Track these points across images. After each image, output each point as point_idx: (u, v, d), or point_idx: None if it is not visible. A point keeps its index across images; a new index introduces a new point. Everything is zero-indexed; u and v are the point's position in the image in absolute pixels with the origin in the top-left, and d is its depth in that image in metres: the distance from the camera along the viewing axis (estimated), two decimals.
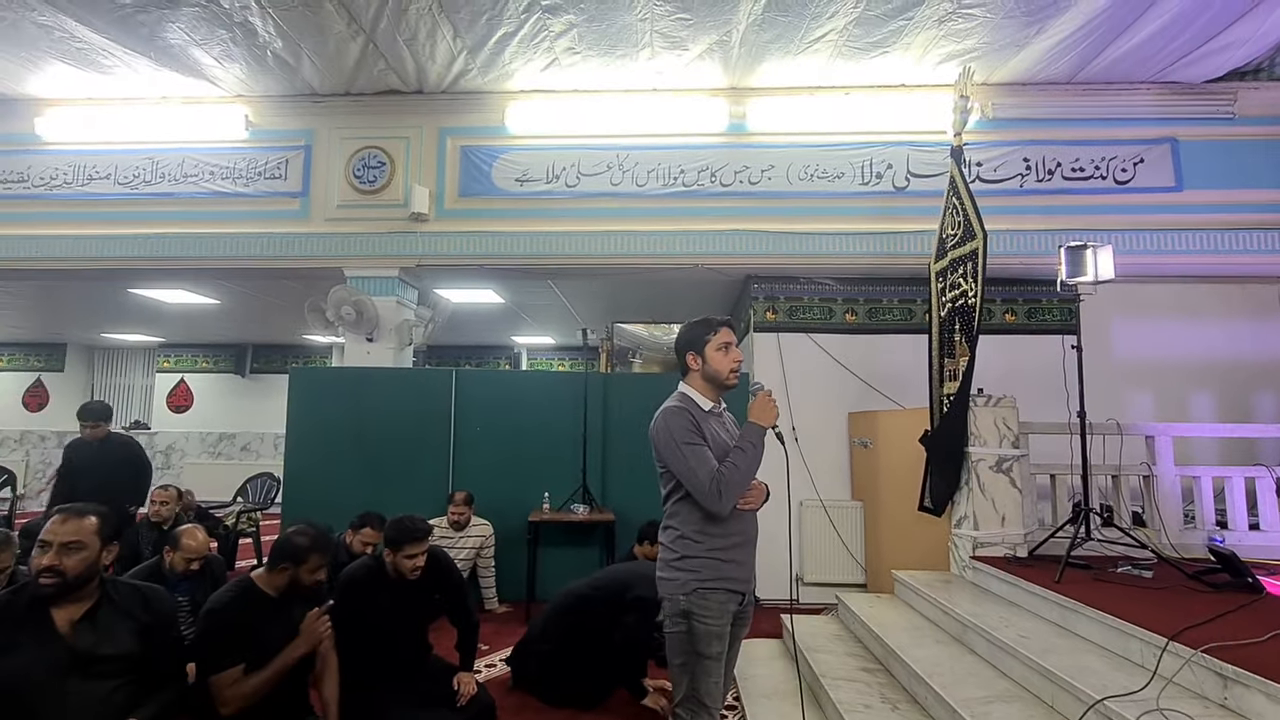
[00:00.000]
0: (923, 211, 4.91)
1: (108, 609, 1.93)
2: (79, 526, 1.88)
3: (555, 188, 5.22)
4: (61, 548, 1.83)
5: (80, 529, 1.88)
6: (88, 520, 1.90)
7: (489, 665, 3.82)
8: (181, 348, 11.14)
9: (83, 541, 1.87)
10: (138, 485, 4.69)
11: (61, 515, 1.89)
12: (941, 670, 2.77)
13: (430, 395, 5.27)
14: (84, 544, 1.88)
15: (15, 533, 3.03)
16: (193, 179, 5.42)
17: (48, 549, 1.83)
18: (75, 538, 1.86)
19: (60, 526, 1.86)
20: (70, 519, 1.88)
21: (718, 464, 1.95)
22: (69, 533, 1.85)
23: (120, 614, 1.95)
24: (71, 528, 1.86)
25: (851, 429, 5.32)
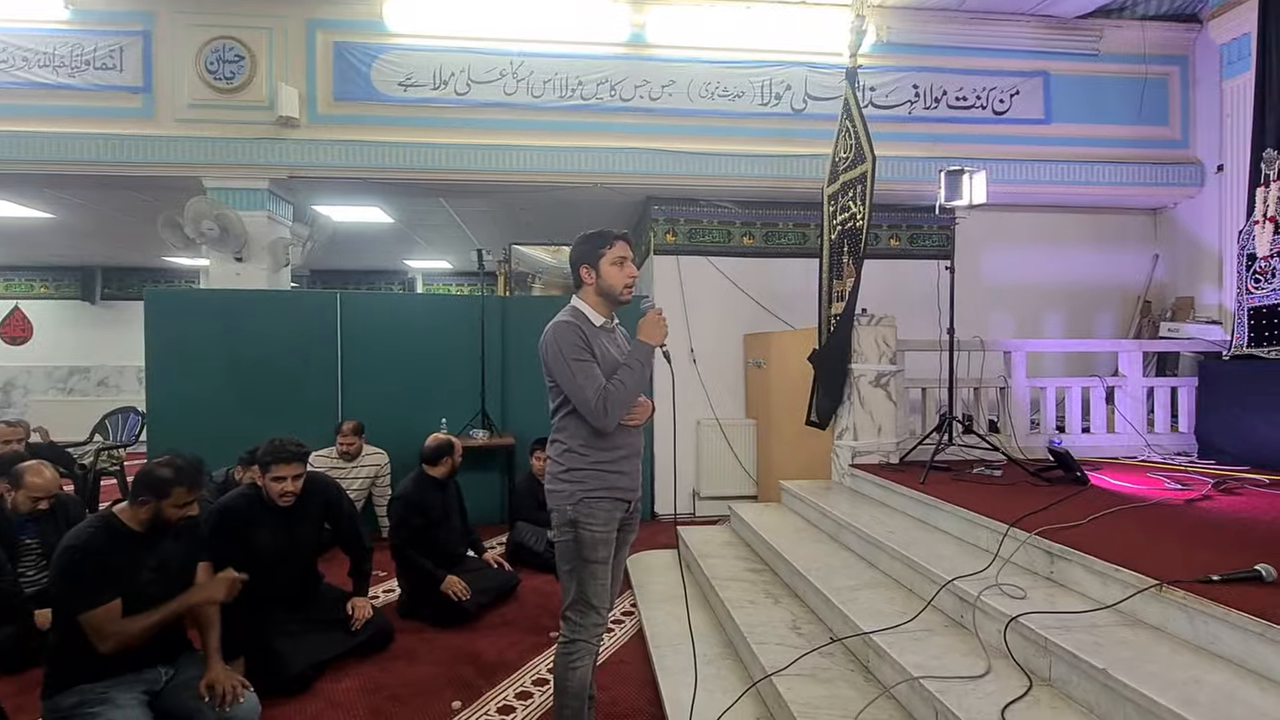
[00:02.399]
0: (819, 135, 4.96)
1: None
2: None
3: (443, 94, 4.84)
4: None
5: None
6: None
7: (387, 591, 3.79)
8: (13, 270, 9.77)
9: None
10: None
11: None
12: (818, 565, 3.01)
13: (313, 320, 4.92)
14: None
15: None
16: (3, 66, 4.59)
17: None
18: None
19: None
20: None
21: (604, 381, 1.95)
22: None
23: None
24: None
25: (747, 350, 5.50)
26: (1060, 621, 1.98)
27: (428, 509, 3.48)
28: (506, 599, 3.64)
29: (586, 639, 2.03)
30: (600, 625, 2.06)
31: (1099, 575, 2.14)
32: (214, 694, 2.24)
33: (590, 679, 2.08)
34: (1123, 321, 5.89)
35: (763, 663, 2.39)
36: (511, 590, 3.69)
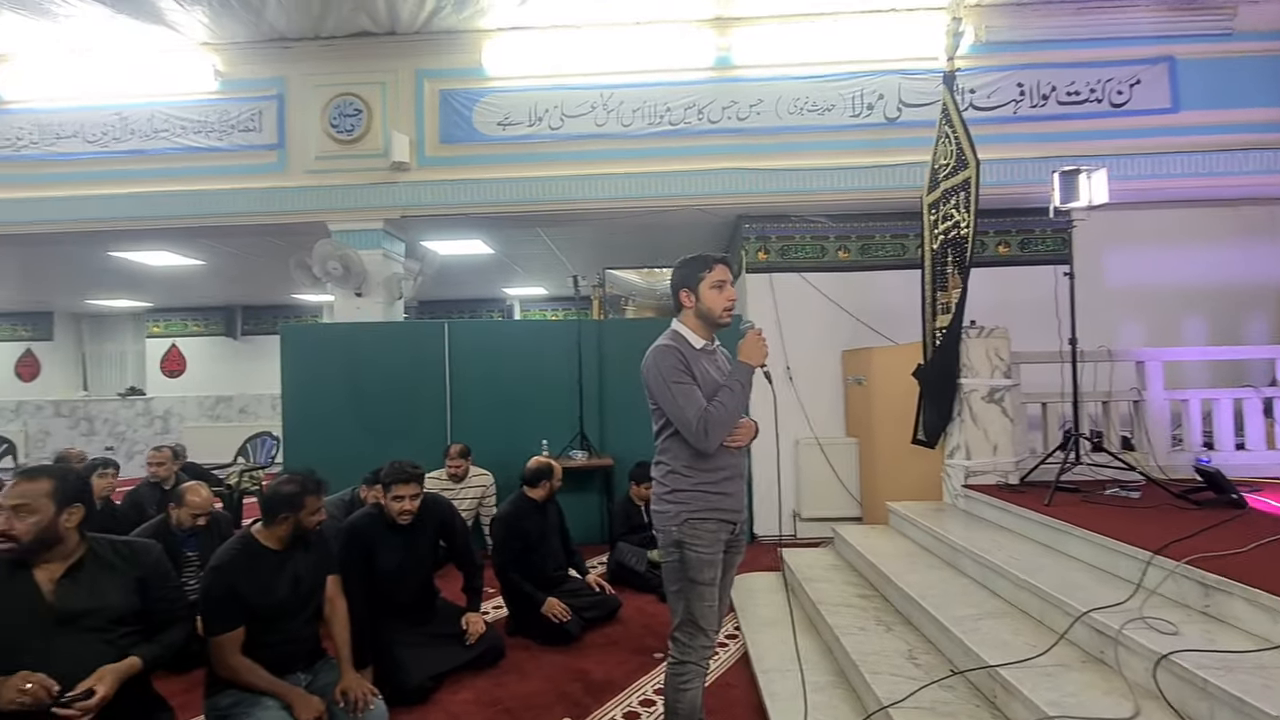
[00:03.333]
0: (915, 143, 4.81)
1: (92, 566, 1.93)
2: (26, 489, 1.82)
3: (538, 130, 5.08)
4: (12, 511, 1.80)
5: (27, 491, 1.82)
6: (38, 483, 1.84)
7: (496, 608, 3.93)
8: (170, 311, 11.02)
9: (31, 505, 1.82)
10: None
11: (15, 477, 1.86)
12: (934, 592, 2.86)
13: (423, 348, 5.25)
14: (33, 507, 1.82)
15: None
16: (164, 134, 5.25)
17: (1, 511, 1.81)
18: (23, 500, 1.81)
19: (10, 491, 1.83)
20: (21, 482, 1.84)
21: (705, 402, 1.97)
22: (19, 495, 1.81)
23: (106, 569, 1.95)
24: (21, 491, 1.82)
25: (845, 367, 5.35)
26: (1222, 661, 1.78)
27: (526, 531, 3.59)
28: (609, 620, 3.68)
29: (695, 661, 2.04)
30: (708, 647, 2.06)
31: (1266, 610, 1.92)
32: (348, 699, 2.41)
33: (700, 702, 2.07)
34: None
35: (877, 693, 2.29)
36: (614, 611, 3.73)
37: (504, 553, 3.52)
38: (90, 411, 10.53)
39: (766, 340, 2.08)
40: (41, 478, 1.86)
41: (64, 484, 1.89)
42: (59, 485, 1.88)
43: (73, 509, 1.92)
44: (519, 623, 3.52)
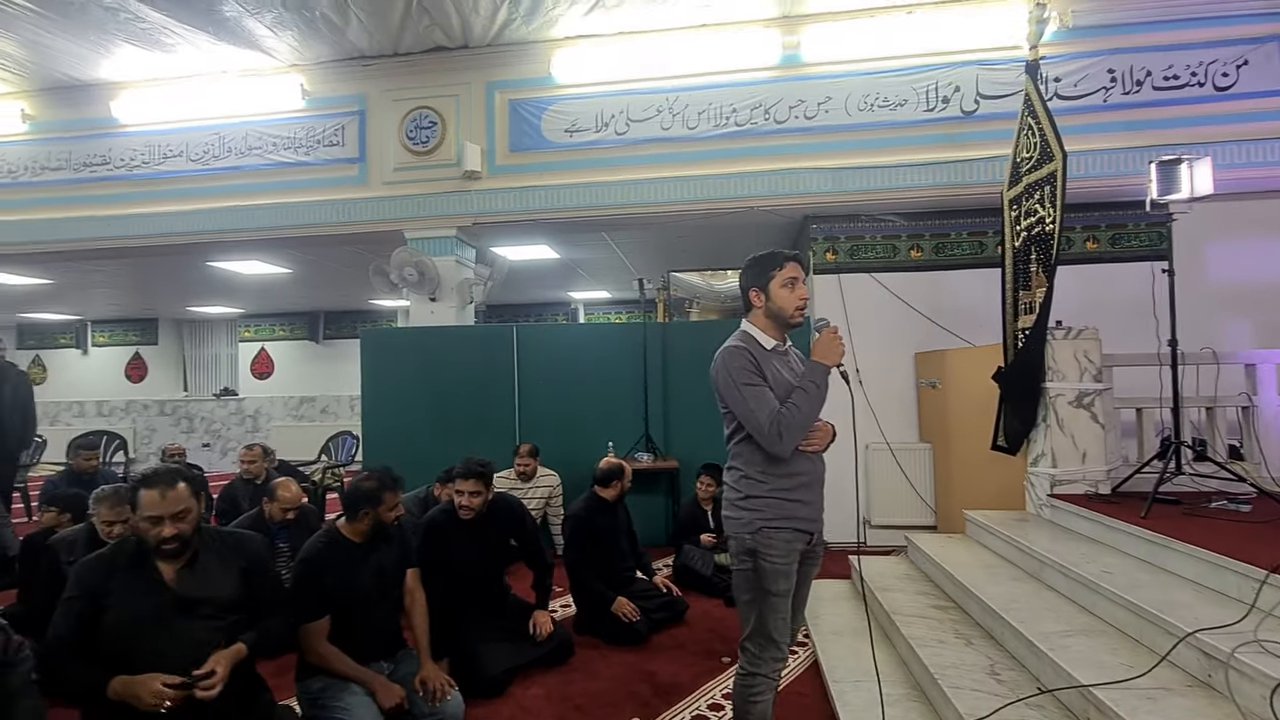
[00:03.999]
0: (994, 136, 4.61)
1: (206, 556, 2.07)
2: (177, 495, 1.96)
3: (604, 136, 5.14)
4: (173, 518, 1.95)
5: (179, 496, 1.97)
6: (179, 486, 1.98)
7: (564, 606, 3.99)
8: (260, 317, 11.74)
9: (187, 507, 1.99)
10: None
11: (157, 489, 1.94)
12: (1018, 606, 2.72)
13: (493, 351, 5.40)
14: (189, 508, 2.00)
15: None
16: (257, 151, 5.61)
17: (160, 522, 1.93)
18: (181, 506, 1.97)
19: (163, 500, 1.93)
20: (168, 490, 1.95)
21: (779, 405, 1.90)
22: (174, 503, 1.95)
23: (217, 559, 2.10)
24: (175, 498, 1.95)
25: (918, 370, 5.17)
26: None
27: (598, 530, 3.63)
28: (677, 622, 3.68)
29: (766, 674, 1.97)
30: (780, 660, 1.99)
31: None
32: (427, 688, 2.50)
33: (770, 713, 2.03)
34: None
35: (958, 708, 2.20)
36: (681, 613, 3.73)
37: (576, 551, 3.58)
38: (190, 410, 11.34)
39: (843, 339, 1.99)
40: (178, 481, 1.99)
41: (195, 482, 2.05)
42: (193, 483, 2.04)
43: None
44: (588, 621, 3.57)
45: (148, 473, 2.00)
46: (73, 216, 5.84)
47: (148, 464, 10.00)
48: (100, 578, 1.94)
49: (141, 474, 2.01)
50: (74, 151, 5.86)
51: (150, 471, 2.01)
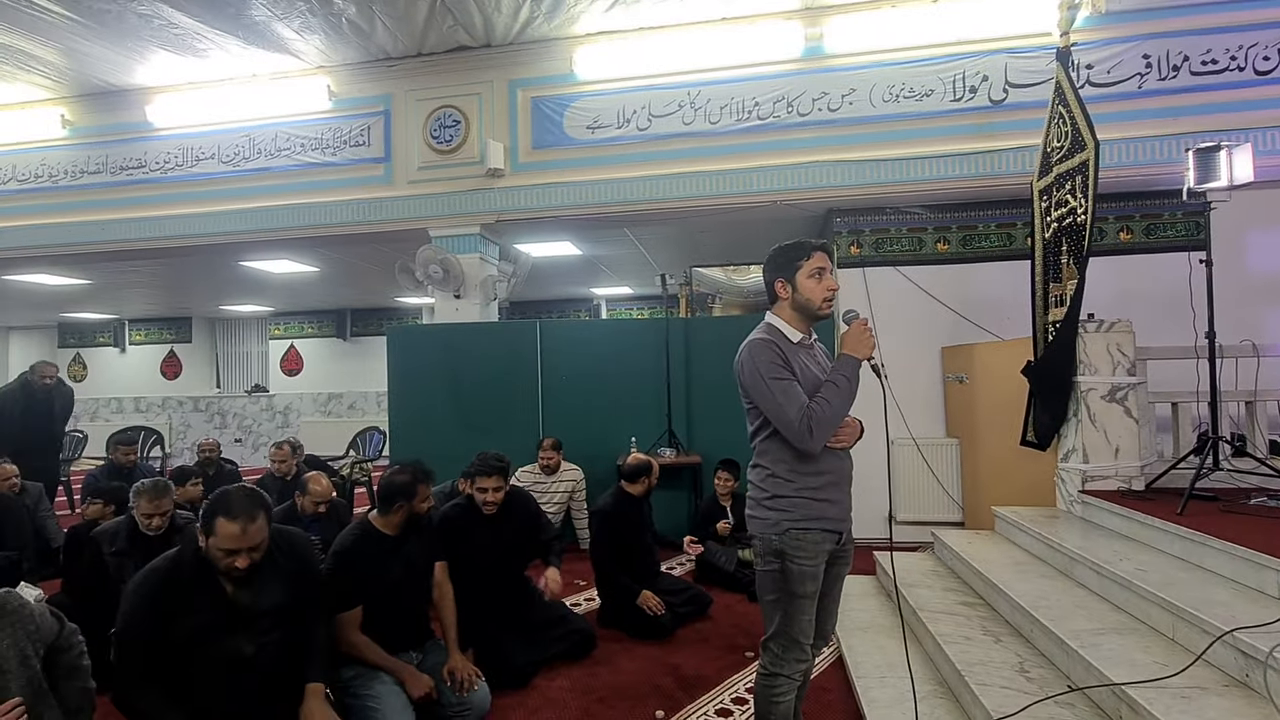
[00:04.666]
0: (1023, 125, 4.53)
1: (264, 568, 2.10)
2: (259, 528, 2.00)
3: (626, 132, 5.15)
4: (250, 550, 1.99)
5: (261, 529, 2.01)
6: (260, 520, 2.01)
7: (588, 599, 4.02)
8: (289, 315, 11.96)
9: (264, 538, 2.04)
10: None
11: (238, 523, 1.94)
12: (1048, 603, 2.68)
13: (517, 347, 5.45)
14: (265, 539, 2.05)
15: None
16: (285, 152, 5.72)
17: (236, 554, 1.96)
18: (260, 539, 2.01)
19: (243, 535, 1.95)
20: (249, 524, 1.96)
21: (807, 400, 1.84)
22: (254, 536, 1.98)
23: (271, 568, 2.13)
24: (255, 532, 1.98)
25: (945, 364, 5.10)
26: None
27: (624, 525, 3.65)
28: (700, 616, 3.69)
29: (788, 674, 1.93)
30: (803, 661, 1.95)
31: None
32: (455, 679, 2.55)
33: (794, 709, 2.02)
34: None
35: (986, 705, 2.18)
36: (705, 607, 3.73)
37: (602, 545, 3.60)
38: (222, 407, 11.62)
39: (873, 331, 1.94)
40: (259, 513, 2.01)
41: (270, 510, 2.09)
42: (269, 512, 2.08)
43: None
44: (612, 614, 3.59)
45: (228, 501, 1.97)
46: (111, 219, 6.01)
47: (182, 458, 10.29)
48: (164, 594, 1.97)
49: (221, 500, 1.98)
50: (111, 156, 6.03)
51: (229, 499, 1.98)
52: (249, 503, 2.01)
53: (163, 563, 2.06)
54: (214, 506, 1.99)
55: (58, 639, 1.88)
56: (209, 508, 2.00)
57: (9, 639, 1.74)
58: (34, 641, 1.79)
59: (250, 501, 2.02)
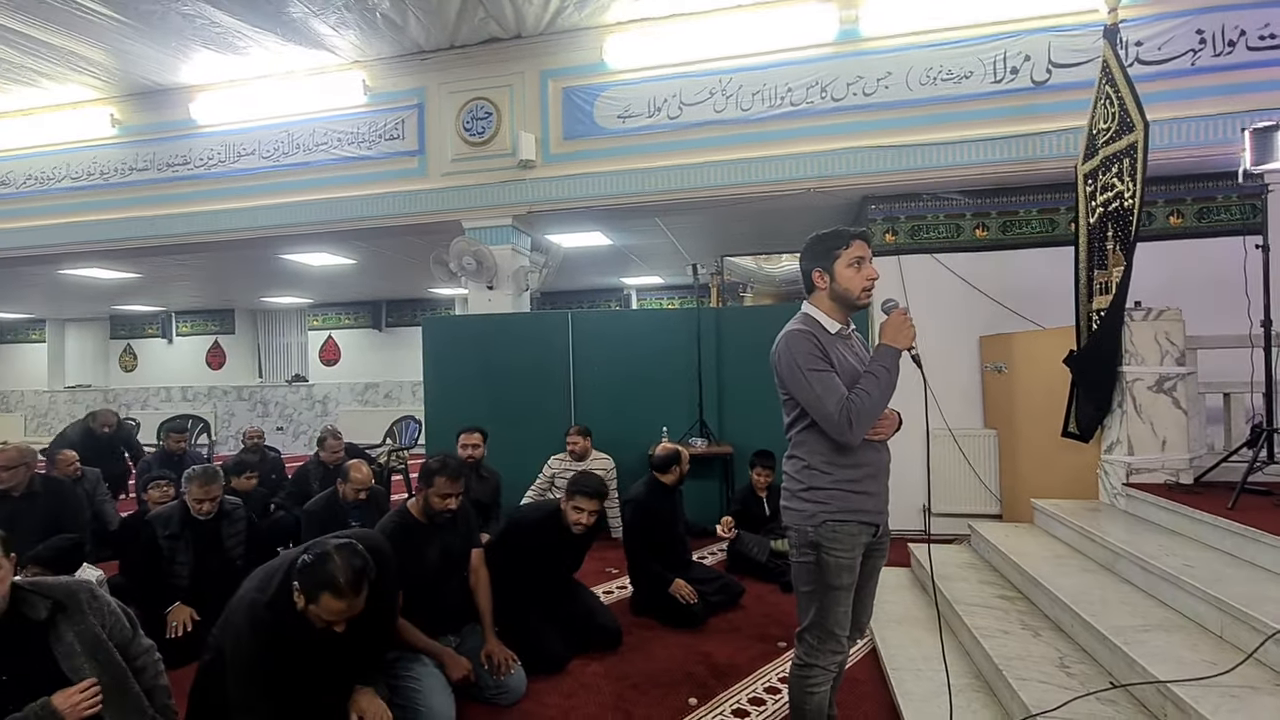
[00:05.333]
0: (1067, 107, 4.39)
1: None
2: (362, 599, 1.98)
3: (657, 121, 5.12)
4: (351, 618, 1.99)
5: (363, 600, 1.99)
6: (364, 593, 1.99)
7: (620, 588, 4.07)
8: (327, 307, 12.25)
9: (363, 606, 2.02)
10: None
11: (345, 601, 1.92)
12: (1090, 598, 2.63)
13: (549, 338, 5.49)
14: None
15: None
16: (323, 147, 5.83)
17: (338, 623, 1.96)
18: (361, 607, 1.99)
19: (348, 609, 1.94)
20: (355, 600, 1.95)
21: (846, 391, 1.82)
22: (357, 608, 1.97)
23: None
24: (359, 604, 1.97)
25: (983, 353, 4.99)
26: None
27: (657, 514, 3.67)
28: (731, 606, 3.70)
29: (823, 666, 1.93)
30: (839, 653, 1.94)
31: None
32: (492, 662, 2.61)
33: (828, 700, 2.02)
34: None
35: (1024, 700, 2.15)
36: (737, 597, 3.74)
37: (635, 533, 3.62)
38: (264, 396, 11.97)
39: (913, 320, 1.90)
40: (365, 585, 1.98)
41: (371, 578, 2.05)
42: (370, 577, 2.03)
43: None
44: (644, 602, 3.63)
45: (335, 577, 1.89)
46: (158, 214, 6.22)
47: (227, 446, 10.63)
48: (275, 647, 2.00)
49: (327, 573, 1.90)
50: (158, 153, 6.23)
51: (335, 574, 1.90)
52: (357, 578, 1.93)
53: (266, 615, 2.01)
54: (319, 578, 1.91)
55: (129, 646, 1.91)
56: (312, 576, 1.92)
57: (81, 625, 1.81)
58: (109, 632, 1.85)
59: (358, 576, 1.94)
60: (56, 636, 1.77)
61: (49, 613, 1.77)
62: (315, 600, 1.92)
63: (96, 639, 1.81)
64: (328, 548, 1.98)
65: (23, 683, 1.71)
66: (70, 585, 1.86)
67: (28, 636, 1.75)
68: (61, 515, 3.68)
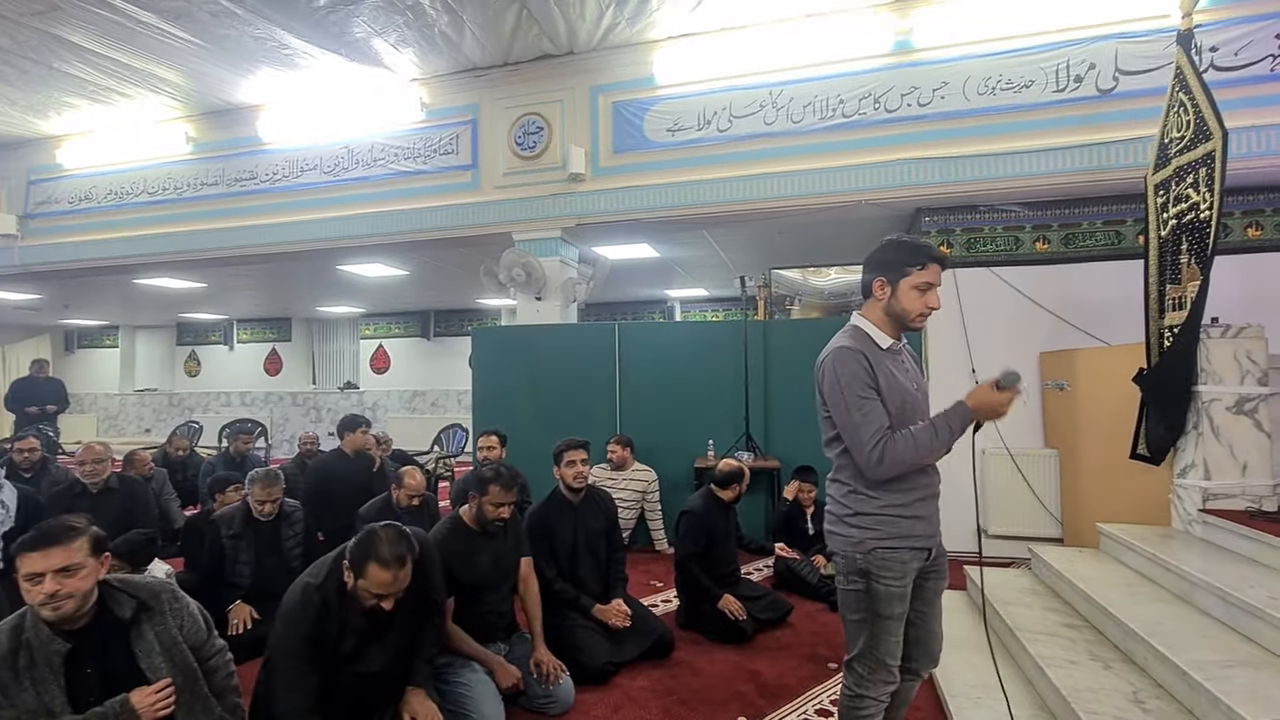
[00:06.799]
0: (1135, 115, 4.24)
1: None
2: (407, 573, 2.07)
3: (707, 134, 5.14)
4: (396, 593, 2.07)
5: (409, 574, 2.07)
6: (409, 565, 2.07)
7: (665, 600, 4.04)
8: (378, 316, 12.60)
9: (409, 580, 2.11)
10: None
11: (390, 570, 2.01)
12: (1166, 630, 2.49)
13: (596, 349, 5.52)
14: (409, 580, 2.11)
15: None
16: (380, 162, 6.03)
17: (385, 597, 2.04)
18: (407, 581, 2.08)
19: (394, 581, 2.03)
20: (399, 570, 2.03)
21: (886, 421, 1.74)
22: (403, 580, 2.06)
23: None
24: (404, 576, 2.06)
25: (1044, 370, 4.82)
26: None
27: (712, 528, 3.64)
28: (780, 623, 3.63)
29: (874, 696, 1.86)
30: (890, 683, 1.86)
31: None
32: (541, 670, 2.62)
33: None
34: None
35: None
36: (785, 615, 3.67)
37: (687, 545, 3.59)
38: (318, 402, 12.35)
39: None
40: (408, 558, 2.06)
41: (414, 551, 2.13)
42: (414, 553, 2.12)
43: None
44: (691, 616, 3.59)
45: (380, 546, 1.99)
46: (227, 227, 6.51)
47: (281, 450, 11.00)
48: (323, 627, 2.06)
49: (372, 544, 1.99)
50: (226, 169, 6.53)
51: (379, 543, 1.99)
52: (400, 547, 2.02)
53: (316, 598, 2.08)
54: (365, 550, 2.01)
55: (204, 646, 1.98)
56: (359, 550, 2.02)
57: (161, 625, 1.88)
58: (185, 635, 1.92)
59: (401, 546, 2.03)
60: (138, 635, 1.85)
61: (133, 612, 1.85)
62: (362, 572, 1.99)
63: (174, 640, 1.88)
64: (374, 528, 2.09)
65: (107, 678, 1.79)
66: (154, 586, 1.94)
67: (113, 633, 1.83)
68: (134, 511, 3.88)
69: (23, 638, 1.73)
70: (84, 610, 1.77)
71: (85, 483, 3.86)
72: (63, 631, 1.76)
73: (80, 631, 1.78)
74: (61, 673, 1.74)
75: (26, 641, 1.73)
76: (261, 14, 4.71)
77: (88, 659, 1.79)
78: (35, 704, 1.70)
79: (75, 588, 1.73)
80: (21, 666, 1.71)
